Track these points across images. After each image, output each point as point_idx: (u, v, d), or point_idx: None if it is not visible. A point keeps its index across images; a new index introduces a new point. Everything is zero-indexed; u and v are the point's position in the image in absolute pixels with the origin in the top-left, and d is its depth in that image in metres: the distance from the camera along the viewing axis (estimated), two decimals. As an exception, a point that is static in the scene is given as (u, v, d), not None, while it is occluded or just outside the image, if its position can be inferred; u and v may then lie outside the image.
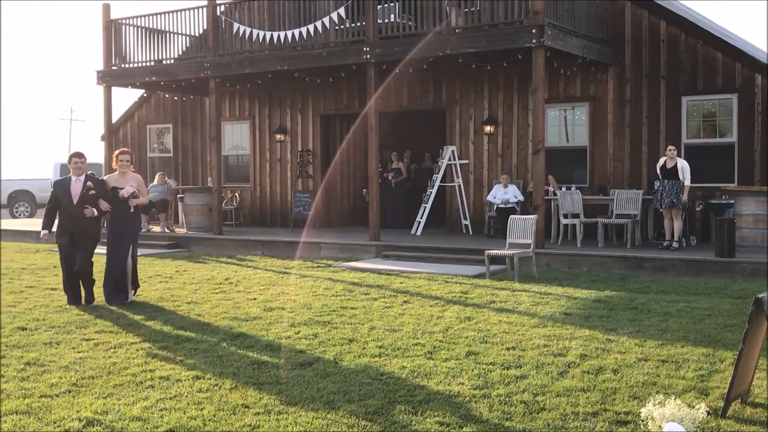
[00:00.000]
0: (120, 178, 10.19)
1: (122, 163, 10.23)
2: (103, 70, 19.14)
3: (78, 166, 9.87)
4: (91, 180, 9.95)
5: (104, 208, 9.94)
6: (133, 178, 10.27)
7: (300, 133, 20.04)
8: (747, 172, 14.85)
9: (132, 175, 10.30)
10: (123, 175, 10.21)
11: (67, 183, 9.94)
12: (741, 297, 10.06)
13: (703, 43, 15.23)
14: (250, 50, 17.41)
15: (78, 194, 9.83)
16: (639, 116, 15.84)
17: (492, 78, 17.26)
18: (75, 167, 9.89)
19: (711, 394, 5.90)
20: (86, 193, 9.83)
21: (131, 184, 10.12)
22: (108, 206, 9.96)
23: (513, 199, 15.90)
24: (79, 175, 9.88)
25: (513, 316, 9.08)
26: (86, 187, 9.84)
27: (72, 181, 9.89)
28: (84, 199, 9.82)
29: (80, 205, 9.81)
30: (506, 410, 5.59)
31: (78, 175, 9.88)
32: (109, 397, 6.01)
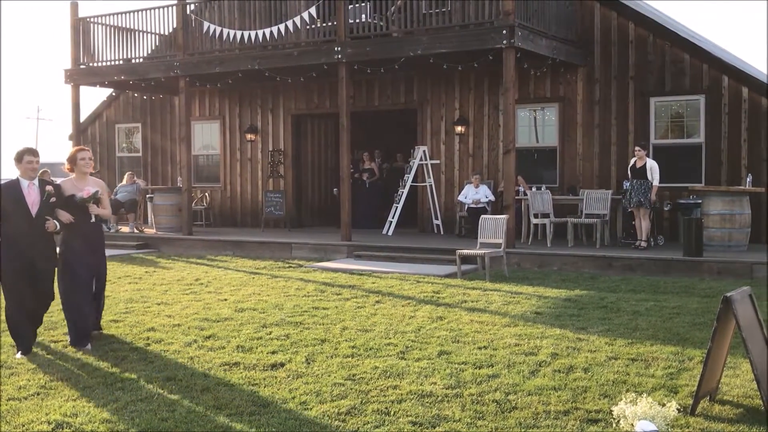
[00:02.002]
0: (78, 182, 7.90)
1: (84, 162, 7.94)
2: (71, 69, 18.92)
3: (32, 166, 7.55)
4: (48, 184, 7.80)
5: (65, 220, 7.68)
6: (95, 184, 7.98)
7: (271, 132, 19.96)
8: (714, 172, 15.04)
9: (94, 180, 8.04)
10: (82, 179, 7.93)
11: (15, 189, 7.52)
12: (709, 296, 10.19)
13: (671, 44, 15.40)
14: (221, 49, 17.31)
15: (36, 203, 7.54)
16: (608, 117, 15.99)
17: (463, 78, 17.32)
18: (28, 167, 7.54)
19: (680, 391, 5.97)
20: (47, 202, 7.59)
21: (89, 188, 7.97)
22: (70, 217, 7.69)
23: (484, 199, 15.96)
24: (32, 177, 7.58)
25: (484, 315, 9.12)
26: (46, 194, 7.57)
27: (23, 185, 7.53)
28: (44, 209, 7.58)
29: (40, 217, 7.54)
30: (478, 409, 5.62)
31: (31, 177, 7.57)
32: (78, 400, 5.95)
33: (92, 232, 8.04)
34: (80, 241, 7.86)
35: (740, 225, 13.16)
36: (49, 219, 7.60)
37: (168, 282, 12.13)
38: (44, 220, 7.57)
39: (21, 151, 7.65)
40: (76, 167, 7.99)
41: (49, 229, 7.59)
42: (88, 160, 8.04)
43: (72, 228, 7.79)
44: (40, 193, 7.59)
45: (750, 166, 14.70)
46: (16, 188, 7.56)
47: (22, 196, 7.52)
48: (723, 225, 13.09)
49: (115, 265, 14.18)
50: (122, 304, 10.13)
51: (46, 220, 7.58)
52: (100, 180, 8.27)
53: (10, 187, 7.59)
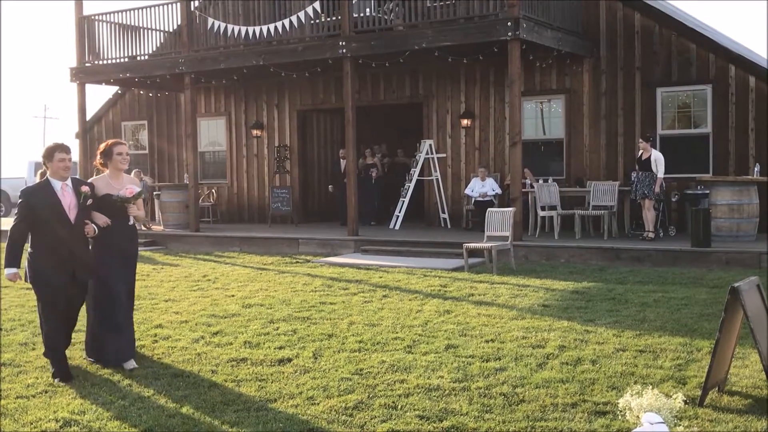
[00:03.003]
0: (114, 180, 7.00)
1: (121, 158, 7.00)
2: (77, 67, 18.94)
3: (65, 164, 6.58)
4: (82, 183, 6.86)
5: (102, 224, 6.83)
6: (132, 182, 7.17)
7: (277, 128, 19.96)
8: (721, 163, 14.97)
9: (129, 178, 7.22)
10: (118, 177, 7.04)
11: (48, 191, 6.58)
12: (717, 286, 10.14)
13: (677, 34, 15.32)
14: (225, 45, 17.30)
15: (74, 206, 6.63)
16: (614, 108, 15.92)
17: (468, 71, 17.27)
18: (60, 166, 6.58)
19: (689, 383, 5.95)
20: (85, 204, 6.70)
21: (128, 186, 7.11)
22: (107, 220, 6.85)
23: (490, 192, 15.93)
24: (64, 178, 6.63)
25: (492, 308, 9.10)
26: (82, 195, 6.67)
27: (55, 187, 6.60)
28: (83, 213, 6.71)
29: (79, 223, 6.67)
30: (486, 403, 5.60)
31: (63, 177, 6.63)
32: (86, 397, 5.96)
33: (130, 235, 7.11)
34: (117, 246, 6.96)
35: (748, 215, 13.09)
36: (88, 223, 6.75)
37: (175, 279, 12.15)
38: (83, 225, 6.72)
39: (51, 147, 6.68)
40: (111, 163, 7.03)
41: (88, 234, 6.75)
42: (126, 155, 7.09)
43: (108, 232, 6.87)
44: (76, 195, 6.67)
45: (758, 155, 14.63)
46: (48, 191, 6.60)
47: (58, 199, 6.55)
48: (731, 215, 13.03)
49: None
50: (130, 301, 10.14)
51: (85, 224, 6.74)
52: (134, 177, 7.28)
53: (42, 190, 6.63)
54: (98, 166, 7.16)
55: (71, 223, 6.59)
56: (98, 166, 7.16)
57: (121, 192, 6.89)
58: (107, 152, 7.02)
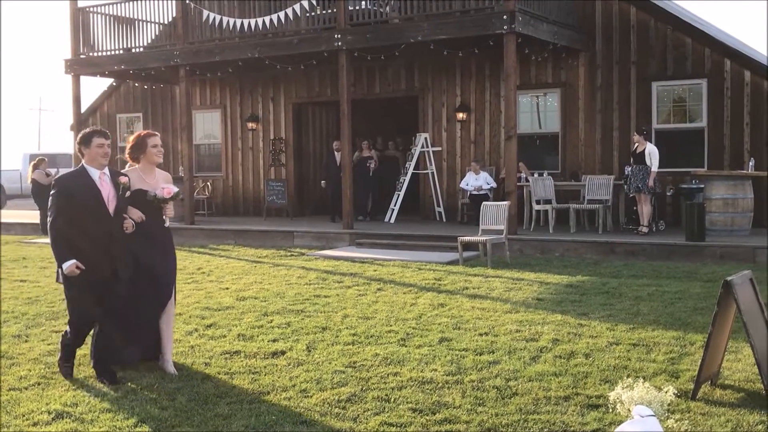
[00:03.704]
0: (146, 174, 6.41)
1: (156, 150, 6.42)
2: (71, 59, 18.88)
3: (104, 150, 5.97)
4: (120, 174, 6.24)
5: (138, 219, 6.24)
6: (164, 178, 6.58)
7: (272, 121, 19.92)
8: (716, 157, 14.99)
9: (162, 174, 6.58)
10: (151, 171, 6.44)
11: (86, 180, 5.96)
12: (711, 280, 10.16)
13: (672, 28, 15.31)
14: (220, 38, 17.25)
15: (113, 198, 6.04)
16: (610, 102, 15.92)
17: (464, 65, 17.25)
18: (99, 152, 5.97)
19: (681, 376, 5.96)
20: (124, 197, 6.13)
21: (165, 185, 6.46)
22: (142, 215, 6.28)
23: (485, 185, 15.93)
24: (103, 165, 6.04)
25: (486, 302, 9.11)
26: (121, 186, 6.08)
27: (93, 176, 5.99)
28: (122, 206, 6.12)
29: (118, 216, 6.08)
30: (479, 396, 5.61)
31: (102, 165, 6.03)
32: (78, 389, 5.95)
33: (165, 236, 6.56)
34: (150, 246, 6.41)
35: (743, 209, 13.11)
36: (126, 217, 6.14)
37: (170, 271, 12.11)
38: (122, 220, 6.11)
39: (88, 132, 6.07)
40: (144, 156, 6.40)
41: (127, 230, 6.11)
42: (161, 147, 6.51)
43: (141, 231, 6.26)
44: (114, 185, 6.06)
45: (752, 150, 14.65)
46: (86, 179, 5.95)
47: (97, 189, 5.95)
48: (725, 209, 13.05)
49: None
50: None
51: (123, 219, 6.12)
52: (166, 173, 6.70)
53: (79, 179, 5.98)
54: (128, 160, 6.49)
55: (111, 217, 5.99)
56: (128, 160, 6.49)
57: (158, 192, 6.30)
58: (140, 144, 6.39)
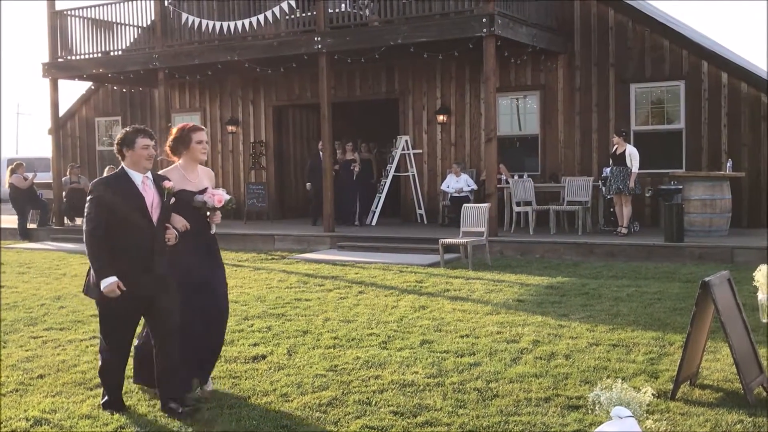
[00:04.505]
0: (189, 173, 5.77)
1: (201, 147, 5.76)
2: (49, 63, 18.74)
3: (148, 152, 5.34)
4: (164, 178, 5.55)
5: (181, 228, 5.56)
6: (208, 176, 5.95)
7: (252, 124, 19.87)
8: (694, 158, 15.10)
9: (205, 171, 5.96)
10: (194, 169, 5.81)
11: (128, 185, 5.32)
12: (689, 281, 10.23)
13: (650, 30, 15.42)
14: (200, 41, 17.19)
15: (157, 206, 5.38)
16: (589, 104, 16.01)
17: (444, 67, 17.29)
18: (143, 154, 5.34)
19: (661, 376, 6.00)
20: (168, 204, 5.47)
21: (210, 186, 5.84)
22: (186, 224, 5.58)
23: (466, 187, 15.96)
24: (147, 169, 5.40)
25: (467, 304, 9.12)
26: (166, 192, 5.42)
27: (136, 180, 5.34)
28: (166, 214, 5.47)
29: (162, 225, 5.43)
30: (460, 398, 5.62)
31: (146, 169, 5.39)
32: (57, 396, 5.90)
33: (213, 243, 5.90)
34: (202, 256, 5.76)
35: (721, 210, 13.22)
36: (169, 227, 5.47)
37: (150, 276, 12.04)
38: (165, 230, 5.46)
39: (131, 131, 5.39)
40: (187, 152, 5.75)
41: (170, 242, 5.45)
42: (206, 143, 5.84)
43: (189, 239, 5.60)
44: (158, 191, 5.40)
45: (730, 151, 14.77)
46: (128, 184, 5.31)
47: (141, 196, 5.30)
48: (704, 210, 13.15)
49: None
50: (103, 298, 10.04)
51: (166, 228, 5.46)
52: (209, 169, 6.04)
53: (120, 183, 5.32)
54: (168, 155, 5.86)
55: (154, 226, 5.33)
56: (168, 155, 5.86)
57: (207, 198, 5.63)
58: (184, 138, 5.73)
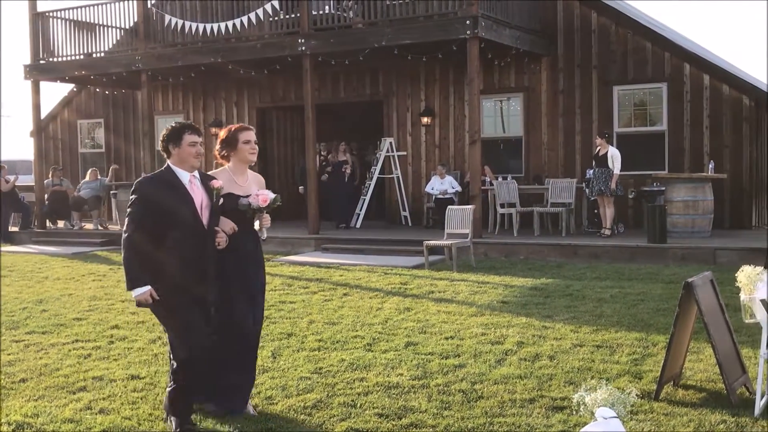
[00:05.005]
0: (238, 176, 5.46)
1: (249, 147, 5.45)
2: (31, 64, 18.62)
3: (197, 150, 4.99)
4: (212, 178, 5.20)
5: (229, 230, 5.26)
6: (256, 180, 5.62)
7: (236, 126, 19.76)
8: (677, 160, 15.19)
9: (253, 175, 5.63)
10: (243, 172, 5.51)
11: (175, 184, 4.94)
12: (673, 282, 10.29)
13: (633, 33, 15.51)
14: (183, 43, 17.12)
15: (206, 206, 5.03)
16: (572, 106, 16.07)
17: (428, 70, 17.30)
18: (191, 152, 4.97)
19: (644, 377, 6.02)
20: (217, 205, 5.14)
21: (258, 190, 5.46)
22: (234, 227, 5.29)
23: (450, 189, 15.98)
24: (194, 168, 5.05)
25: (451, 305, 9.13)
26: (214, 191, 5.08)
27: (183, 179, 4.97)
28: (215, 216, 5.13)
29: (212, 227, 5.09)
30: (445, 399, 5.62)
31: (193, 168, 5.03)
32: (40, 400, 5.85)
33: (258, 248, 5.60)
34: (244, 262, 5.44)
35: (703, 211, 13.30)
36: (219, 230, 5.15)
37: (133, 279, 11.97)
38: (215, 232, 5.13)
39: (177, 127, 5.04)
40: (234, 153, 5.46)
41: (219, 246, 5.13)
42: (254, 144, 5.50)
43: (232, 244, 5.29)
44: (207, 191, 5.04)
45: (712, 152, 14.87)
46: (175, 183, 4.93)
47: (190, 196, 4.93)
48: (686, 211, 13.24)
49: (78, 263, 14.00)
50: (86, 301, 10.00)
51: (216, 232, 5.13)
52: (260, 176, 5.74)
53: (166, 182, 4.94)
54: (217, 159, 5.56)
55: (205, 230, 4.95)
56: (217, 159, 5.56)
57: (251, 200, 5.31)
58: (231, 140, 5.46)
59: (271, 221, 5.48)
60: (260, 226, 5.47)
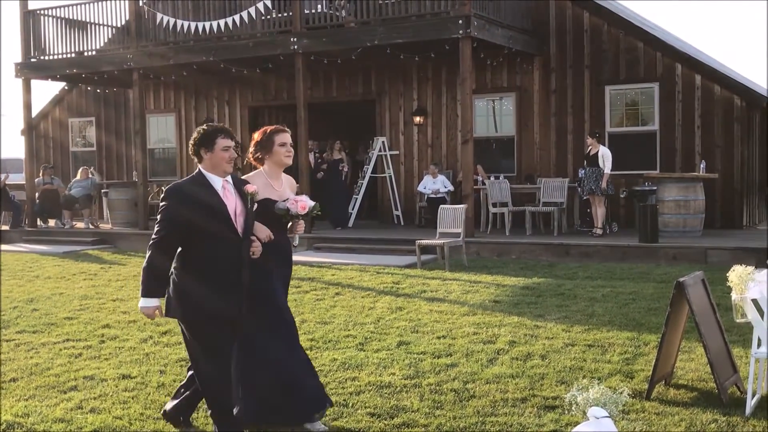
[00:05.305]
0: (273, 180, 5.23)
1: (285, 150, 5.23)
2: (22, 63, 18.53)
3: (230, 155, 4.71)
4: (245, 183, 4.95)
5: (265, 238, 4.98)
6: (290, 185, 5.40)
7: (228, 125, 19.72)
8: (668, 159, 15.23)
9: (287, 179, 5.41)
10: (278, 176, 5.28)
11: (208, 190, 4.67)
12: (664, 281, 10.31)
13: (624, 33, 15.53)
14: (175, 41, 17.07)
15: (241, 213, 4.75)
16: (564, 106, 16.09)
17: (420, 69, 17.31)
18: (224, 157, 4.69)
19: (636, 376, 6.03)
20: (252, 211, 4.85)
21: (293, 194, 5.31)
22: (270, 234, 5.02)
23: (443, 189, 15.99)
24: (227, 173, 4.76)
25: (444, 305, 9.13)
26: (249, 197, 4.80)
27: (215, 185, 4.69)
28: (250, 223, 4.84)
29: (247, 234, 4.79)
30: (437, 399, 5.62)
31: (226, 173, 4.75)
32: (30, 399, 5.83)
33: (289, 255, 5.38)
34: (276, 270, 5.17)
35: (694, 211, 13.34)
36: (254, 238, 4.88)
37: (124, 278, 11.96)
38: (251, 242, 4.84)
39: (210, 130, 4.73)
40: (270, 156, 5.23)
41: (254, 255, 4.84)
42: (290, 146, 5.28)
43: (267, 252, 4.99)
44: (241, 197, 4.77)
45: (703, 152, 14.91)
46: (208, 189, 4.65)
47: (223, 203, 4.66)
48: (678, 211, 13.27)
49: (70, 262, 13.96)
50: (77, 300, 9.96)
51: (251, 240, 4.85)
52: (293, 180, 5.50)
53: (198, 188, 4.66)
54: (251, 161, 5.32)
55: (240, 236, 4.70)
56: (251, 161, 5.32)
57: (290, 206, 5.08)
58: (266, 142, 5.21)
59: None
60: (293, 232, 5.25)
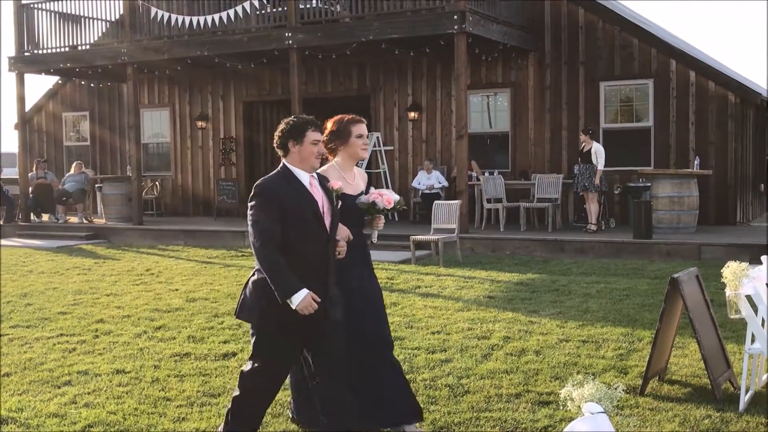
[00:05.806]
0: (347, 173, 4.94)
1: (362, 142, 4.97)
2: (15, 57, 18.46)
3: (319, 149, 4.42)
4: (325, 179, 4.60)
5: (345, 238, 4.66)
6: (363, 178, 5.10)
7: (222, 120, 19.72)
8: (663, 156, 15.25)
9: (359, 171, 5.10)
10: (351, 169, 4.99)
11: (297, 187, 4.35)
12: (658, 277, 10.33)
13: (619, 29, 15.54)
14: (169, 35, 17.02)
15: (328, 210, 4.43)
16: (559, 102, 16.10)
17: (415, 64, 17.29)
18: (312, 151, 4.38)
19: (630, 372, 6.05)
20: (337, 209, 4.53)
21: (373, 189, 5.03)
22: (349, 234, 4.70)
23: (437, 184, 15.99)
24: (315, 168, 4.49)
25: (438, 300, 9.14)
26: (335, 194, 4.51)
27: (305, 181, 4.38)
28: (336, 221, 4.51)
29: (334, 233, 4.48)
30: (431, 394, 5.62)
31: (314, 168, 4.47)
32: (24, 394, 5.82)
33: (367, 249, 5.11)
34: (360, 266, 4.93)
35: (688, 207, 13.36)
36: (339, 238, 4.58)
37: (118, 273, 11.94)
38: (336, 242, 4.53)
39: (300, 122, 4.41)
40: (345, 148, 4.94)
41: (340, 255, 4.55)
42: (366, 137, 5.02)
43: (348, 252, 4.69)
44: (326, 193, 4.46)
45: (697, 149, 14.94)
46: (298, 186, 4.35)
47: (314, 199, 4.36)
48: (672, 207, 13.29)
49: (63, 257, 13.93)
50: (71, 295, 9.94)
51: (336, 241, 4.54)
52: (364, 172, 5.20)
53: (288, 184, 4.35)
54: (325, 153, 4.78)
55: (329, 235, 4.41)
56: (325, 153, 4.78)
57: (375, 199, 4.80)
58: (342, 132, 4.92)
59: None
60: (373, 228, 4.97)
